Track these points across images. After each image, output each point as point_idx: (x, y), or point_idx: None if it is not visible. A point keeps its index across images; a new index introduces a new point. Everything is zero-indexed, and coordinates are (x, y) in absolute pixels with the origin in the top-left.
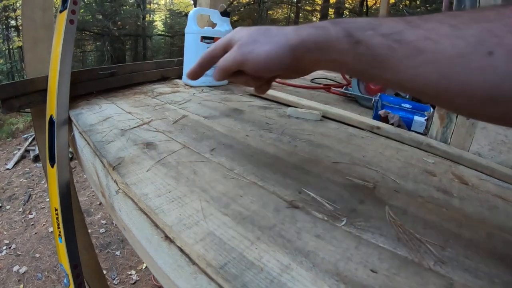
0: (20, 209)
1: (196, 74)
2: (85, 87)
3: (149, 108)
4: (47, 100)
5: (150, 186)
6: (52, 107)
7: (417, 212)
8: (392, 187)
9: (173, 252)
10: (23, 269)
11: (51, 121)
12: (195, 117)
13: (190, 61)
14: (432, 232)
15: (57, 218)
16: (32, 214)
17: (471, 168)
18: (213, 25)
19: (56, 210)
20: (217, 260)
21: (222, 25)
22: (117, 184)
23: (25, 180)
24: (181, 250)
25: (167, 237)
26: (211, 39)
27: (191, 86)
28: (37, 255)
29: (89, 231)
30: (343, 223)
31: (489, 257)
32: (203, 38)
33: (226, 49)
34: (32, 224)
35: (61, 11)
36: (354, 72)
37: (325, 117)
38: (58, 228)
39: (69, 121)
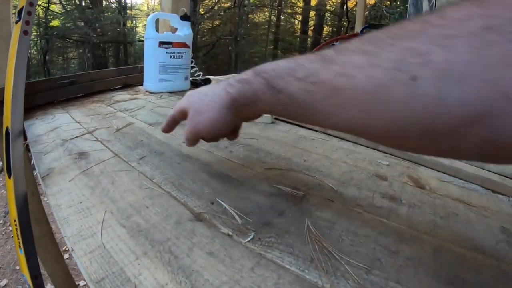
0: (1, 221)
1: (165, 131)
2: (44, 97)
3: (99, 117)
4: (4, 112)
5: (66, 197)
6: (7, 119)
7: (348, 224)
8: (326, 196)
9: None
10: (4, 282)
11: (7, 132)
12: (140, 125)
13: (149, 66)
14: (361, 250)
15: (16, 229)
16: None
17: (432, 169)
18: (175, 30)
19: (15, 221)
20: (97, 274)
21: (182, 29)
22: (46, 193)
23: (5, 192)
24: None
25: (72, 248)
26: (170, 43)
27: (151, 93)
28: (17, 267)
29: None
30: (249, 238)
31: (431, 280)
32: (161, 43)
33: (183, 114)
34: (13, 237)
35: (16, 22)
36: (288, 118)
37: (278, 119)
38: (18, 239)
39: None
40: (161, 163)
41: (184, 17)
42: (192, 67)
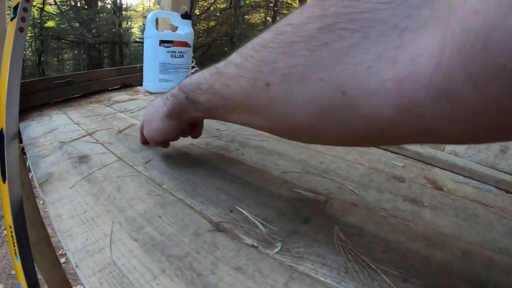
0: None
1: (143, 142)
2: (40, 97)
3: (99, 118)
4: None
5: (67, 206)
6: (1, 120)
7: (376, 230)
8: (349, 200)
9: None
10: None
11: (1, 134)
12: None
13: (149, 66)
14: (394, 257)
15: (12, 236)
16: None
17: (446, 170)
18: (175, 28)
19: (10, 227)
20: None
21: (183, 28)
22: (45, 202)
23: None
24: None
25: (77, 265)
26: (171, 42)
27: (151, 93)
28: (13, 272)
29: None
30: (276, 250)
31: (465, 285)
32: (162, 42)
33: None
34: (7, 242)
35: (12, 19)
36: (211, 119)
37: None
38: (14, 246)
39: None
40: (169, 167)
41: (185, 16)
42: (193, 67)
